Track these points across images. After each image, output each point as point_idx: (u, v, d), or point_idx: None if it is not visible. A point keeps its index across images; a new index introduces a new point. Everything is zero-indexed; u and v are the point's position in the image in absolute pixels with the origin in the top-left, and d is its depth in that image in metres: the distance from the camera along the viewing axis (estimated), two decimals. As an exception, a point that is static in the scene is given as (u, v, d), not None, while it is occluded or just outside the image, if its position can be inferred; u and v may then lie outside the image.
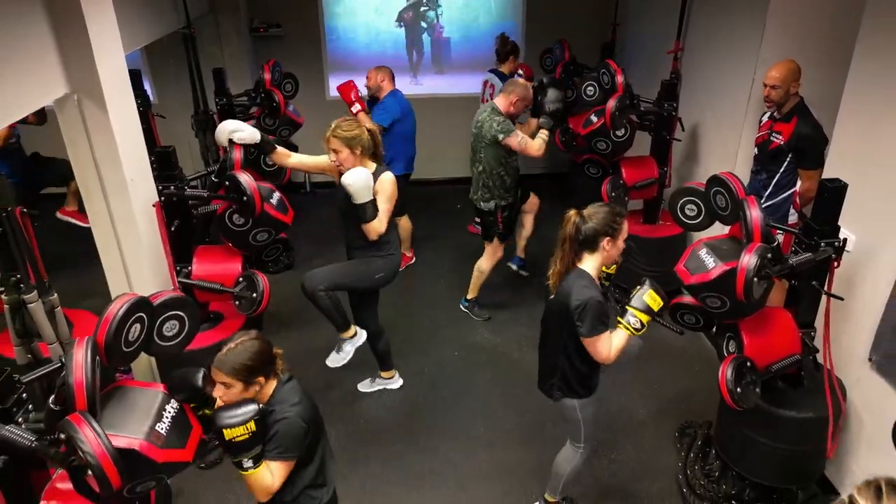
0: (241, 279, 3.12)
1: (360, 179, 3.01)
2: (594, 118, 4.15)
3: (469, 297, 4.60)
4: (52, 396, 1.77)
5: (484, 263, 4.45)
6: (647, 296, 2.43)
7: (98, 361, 1.77)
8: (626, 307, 2.46)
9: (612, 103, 3.95)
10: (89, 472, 1.59)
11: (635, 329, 2.42)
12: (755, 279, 2.34)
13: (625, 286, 4.46)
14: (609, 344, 2.43)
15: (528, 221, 4.65)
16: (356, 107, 4.49)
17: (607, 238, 2.41)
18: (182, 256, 3.22)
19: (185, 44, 4.88)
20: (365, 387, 3.90)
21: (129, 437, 1.78)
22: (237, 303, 3.12)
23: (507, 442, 3.53)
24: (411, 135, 4.83)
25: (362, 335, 3.51)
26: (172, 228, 3.14)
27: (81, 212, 4.93)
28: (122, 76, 3.26)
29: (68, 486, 1.99)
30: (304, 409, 2.10)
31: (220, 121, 4.84)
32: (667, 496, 3.17)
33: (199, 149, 5.22)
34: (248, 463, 1.97)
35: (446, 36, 6.38)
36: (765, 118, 3.50)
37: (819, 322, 2.76)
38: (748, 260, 2.33)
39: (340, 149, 3.08)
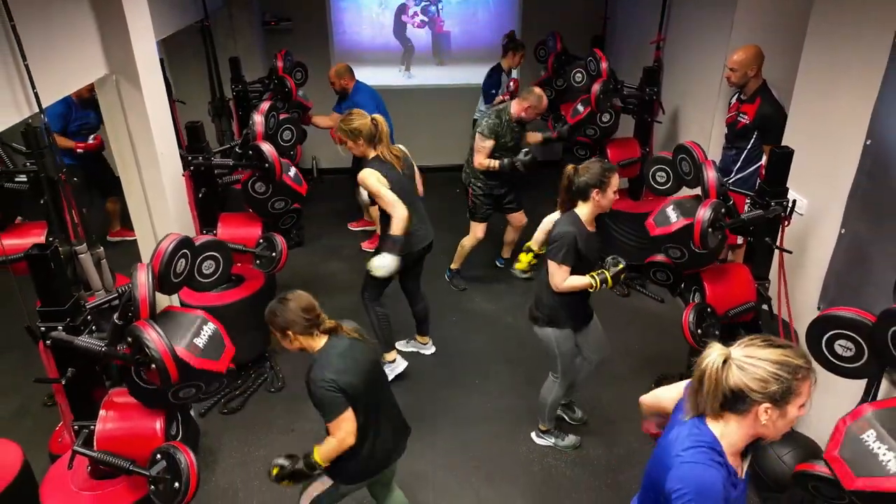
0: (261, 241, 3.49)
1: (382, 267, 3.36)
2: (580, 108, 4.52)
3: (451, 267, 5.00)
4: (116, 314, 2.13)
5: (465, 240, 4.86)
6: (622, 273, 2.94)
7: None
8: (603, 269, 2.91)
9: (596, 87, 4.31)
10: (151, 367, 1.95)
11: (599, 283, 2.89)
12: (709, 230, 2.70)
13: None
14: (565, 277, 2.86)
15: (510, 232, 5.02)
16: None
17: (596, 189, 2.83)
18: (207, 221, 3.59)
19: (203, 35, 5.25)
20: (401, 345, 4.24)
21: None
22: (258, 262, 3.48)
23: (500, 392, 3.90)
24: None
25: (401, 366, 3.94)
26: (200, 195, 3.51)
27: (124, 227, 5.44)
28: (154, 60, 3.63)
29: (123, 399, 2.38)
30: (340, 377, 2.24)
31: (236, 107, 5.26)
32: (641, 434, 3.51)
33: (216, 133, 5.59)
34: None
35: (447, 30, 6.75)
36: (733, 100, 3.86)
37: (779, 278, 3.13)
38: (703, 213, 2.70)
39: (345, 139, 3.46)
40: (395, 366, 3.95)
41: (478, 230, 4.77)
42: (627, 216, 4.69)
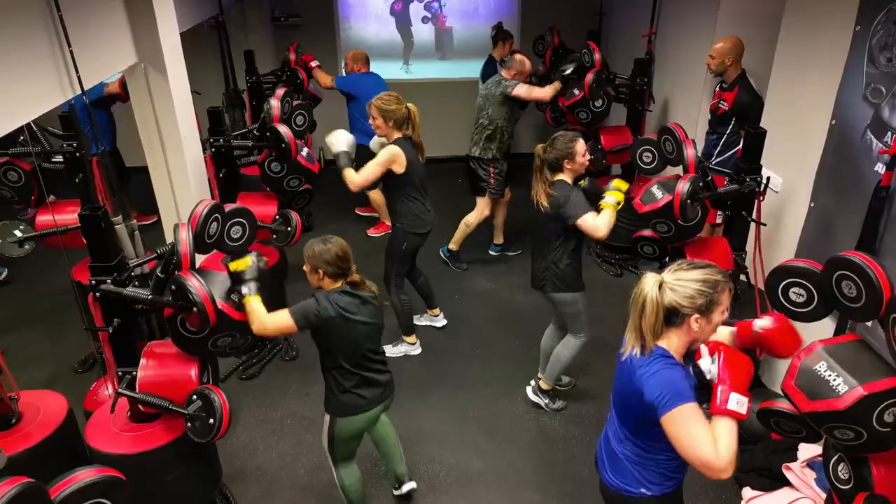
0: (277, 217, 3.77)
1: (332, 134, 3.68)
2: (576, 91, 4.80)
3: (451, 247, 5.23)
4: (159, 268, 2.41)
5: (471, 217, 5.08)
6: (616, 182, 3.18)
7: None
8: (605, 194, 3.16)
9: (589, 77, 4.60)
10: (193, 311, 2.23)
11: (615, 204, 3.13)
12: (688, 201, 2.98)
13: (611, 243, 5.14)
14: (595, 220, 3.10)
15: (499, 211, 5.27)
16: (314, 62, 5.52)
17: (566, 159, 3.13)
18: (227, 200, 3.86)
19: (218, 29, 5.52)
20: (416, 319, 4.50)
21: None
22: (274, 236, 3.76)
23: (498, 360, 4.19)
24: None
25: (417, 350, 4.25)
26: (220, 175, 3.79)
27: (140, 213, 5.76)
28: (178, 50, 3.92)
29: (162, 349, 2.66)
30: (329, 307, 2.49)
31: (250, 98, 5.55)
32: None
33: (228, 123, 5.86)
34: (245, 289, 2.48)
35: (449, 25, 7.03)
36: (716, 88, 4.14)
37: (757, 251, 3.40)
38: (682, 186, 2.98)
39: (377, 116, 3.70)
40: (412, 348, 4.28)
41: (487, 208, 5.02)
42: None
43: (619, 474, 2.08)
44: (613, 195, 3.17)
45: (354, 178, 3.68)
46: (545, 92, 4.75)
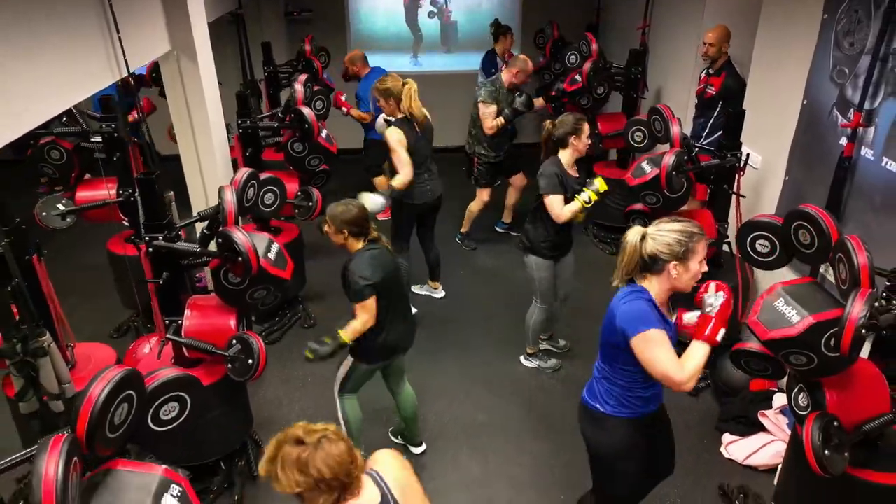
0: (299, 193, 4.10)
1: (374, 203, 3.76)
2: (578, 78, 5.13)
3: (461, 231, 5.63)
4: (205, 225, 2.74)
5: (473, 205, 5.47)
6: (599, 182, 3.43)
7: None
8: (583, 189, 3.42)
9: (587, 66, 4.92)
10: (238, 261, 2.56)
11: (585, 201, 3.39)
12: (673, 172, 3.31)
13: (606, 223, 5.48)
14: (560, 206, 3.39)
15: (512, 194, 5.59)
16: (343, 109, 5.68)
17: (573, 136, 3.41)
18: (253, 177, 4.20)
19: (237, 22, 5.85)
20: (416, 289, 4.85)
21: (258, 255, 2.75)
22: (296, 210, 4.09)
23: (499, 329, 4.52)
24: None
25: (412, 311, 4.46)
26: (247, 154, 4.12)
27: None
28: (206, 40, 4.23)
29: (205, 301, 2.99)
30: (366, 269, 2.85)
31: (267, 87, 5.87)
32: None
33: (247, 111, 6.19)
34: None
35: (454, 19, 7.35)
36: (702, 74, 4.46)
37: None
38: (668, 159, 3.31)
39: (378, 97, 4.01)
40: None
41: (483, 195, 5.36)
42: (616, 182, 5.28)
43: (589, 390, 2.43)
44: (589, 193, 3.39)
45: (402, 180, 3.91)
46: (491, 124, 4.86)
